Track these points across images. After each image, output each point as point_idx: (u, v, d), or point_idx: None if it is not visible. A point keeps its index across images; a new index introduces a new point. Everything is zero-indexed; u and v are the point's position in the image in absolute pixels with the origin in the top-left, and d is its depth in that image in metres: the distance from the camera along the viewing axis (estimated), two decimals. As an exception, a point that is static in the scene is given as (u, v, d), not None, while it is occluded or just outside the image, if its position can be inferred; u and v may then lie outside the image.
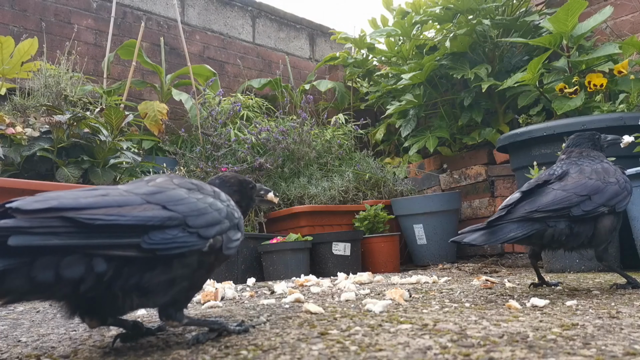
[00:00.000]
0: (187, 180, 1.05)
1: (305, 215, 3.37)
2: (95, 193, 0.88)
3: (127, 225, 0.85)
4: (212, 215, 1.00)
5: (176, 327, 0.99)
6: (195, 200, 0.99)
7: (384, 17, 4.66)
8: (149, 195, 0.93)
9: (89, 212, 0.81)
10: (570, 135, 2.65)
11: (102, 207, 0.84)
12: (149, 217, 0.88)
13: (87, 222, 0.80)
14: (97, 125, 2.71)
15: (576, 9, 2.93)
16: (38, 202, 0.80)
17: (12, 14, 3.77)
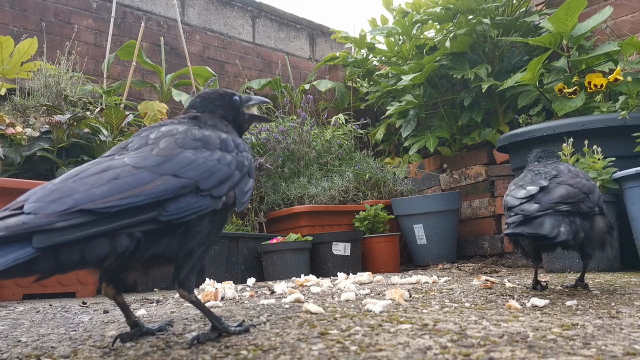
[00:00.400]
0: (190, 138, 1.03)
1: (305, 215, 3.37)
2: (105, 177, 0.87)
3: (143, 204, 0.85)
4: (222, 171, 1.00)
5: (185, 297, 1.00)
6: (204, 159, 0.98)
7: (384, 17, 4.67)
8: (158, 167, 0.92)
9: (104, 201, 0.82)
10: (570, 135, 2.66)
11: (115, 194, 0.84)
12: (162, 191, 0.88)
13: (104, 211, 0.81)
14: (97, 125, 2.71)
15: (576, 9, 2.93)
16: (54, 202, 0.80)
17: (12, 14, 3.77)
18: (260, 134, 3.82)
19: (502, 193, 3.69)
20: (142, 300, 1.96)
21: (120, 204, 0.83)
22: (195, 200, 0.92)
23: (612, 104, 2.85)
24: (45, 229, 0.76)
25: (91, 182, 0.85)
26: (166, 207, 0.88)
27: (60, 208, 0.79)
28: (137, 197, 0.85)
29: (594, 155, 2.54)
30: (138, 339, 1.06)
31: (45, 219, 0.76)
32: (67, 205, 0.79)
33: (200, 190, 0.94)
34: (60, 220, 0.77)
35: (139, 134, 1.06)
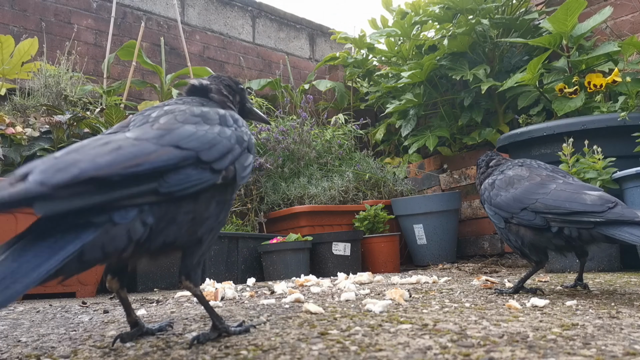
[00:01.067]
0: (189, 114, 1.03)
1: (305, 215, 3.37)
2: (109, 148, 0.86)
3: (145, 173, 0.85)
4: (223, 144, 0.99)
5: (190, 289, 1.00)
6: (204, 132, 0.98)
7: (383, 18, 4.67)
8: (159, 139, 0.92)
9: (108, 170, 0.81)
10: (570, 135, 2.66)
11: (119, 163, 0.83)
12: (165, 160, 0.88)
13: (106, 180, 0.80)
14: (98, 125, 2.71)
15: (575, 9, 2.93)
16: (60, 171, 0.78)
17: (12, 14, 3.77)
18: (260, 134, 3.82)
19: (502, 193, 3.69)
20: (142, 300, 1.96)
21: (124, 173, 0.82)
22: (195, 172, 0.92)
23: (612, 104, 2.85)
24: (47, 196, 0.74)
25: (94, 152, 0.84)
26: (166, 178, 0.87)
27: (67, 177, 0.77)
28: (139, 167, 0.84)
29: (594, 155, 2.54)
30: (138, 339, 1.06)
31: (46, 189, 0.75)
32: (73, 173, 0.78)
33: (201, 162, 0.93)
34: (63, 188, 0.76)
35: (142, 113, 1.06)
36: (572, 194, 1.41)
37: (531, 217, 1.45)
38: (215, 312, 1.04)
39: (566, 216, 1.38)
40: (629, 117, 2.59)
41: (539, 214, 1.43)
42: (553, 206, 1.41)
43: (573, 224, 1.38)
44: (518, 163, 1.69)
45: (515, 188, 1.53)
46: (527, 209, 1.46)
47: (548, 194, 1.45)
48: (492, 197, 1.58)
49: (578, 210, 1.36)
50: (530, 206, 1.45)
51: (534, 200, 1.46)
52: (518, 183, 1.55)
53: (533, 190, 1.49)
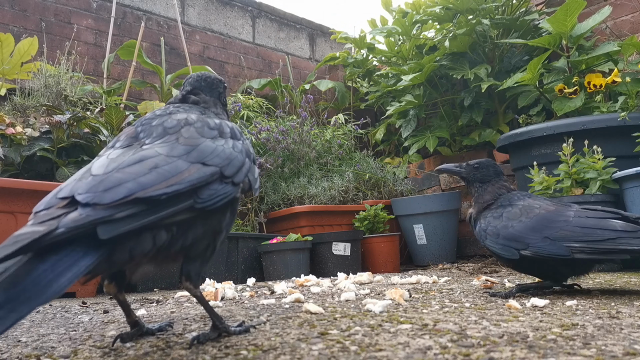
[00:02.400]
0: (207, 127, 1.07)
1: (305, 215, 3.37)
2: (146, 166, 0.89)
3: (185, 191, 0.88)
4: (238, 159, 1.04)
5: (190, 291, 1.01)
6: (222, 148, 1.03)
7: (383, 18, 4.67)
8: (188, 155, 0.96)
9: (154, 189, 0.84)
10: (570, 135, 2.66)
11: (161, 181, 0.86)
12: (197, 178, 0.91)
13: (155, 199, 0.83)
14: (97, 125, 2.71)
15: (575, 9, 2.93)
16: (109, 192, 0.81)
17: (12, 14, 3.77)
18: (260, 134, 3.82)
19: (502, 193, 3.69)
20: (142, 300, 1.96)
21: (169, 192, 0.85)
22: (221, 187, 0.96)
23: (611, 104, 2.85)
24: (108, 220, 0.77)
25: (135, 171, 0.87)
26: (200, 194, 0.91)
27: (117, 197, 0.80)
28: (180, 185, 0.87)
29: (594, 155, 2.54)
30: (138, 339, 1.06)
31: (105, 211, 0.77)
32: (122, 194, 0.80)
33: (224, 177, 0.98)
34: (119, 210, 0.78)
35: (149, 123, 1.07)
36: (598, 221, 1.41)
37: (552, 247, 1.40)
38: (215, 312, 1.04)
39: (598, 243, 1.36)
40: (629, 117, 2.59)
41: (563, 242, 1.39)
42: (582, 233, 1.38)
43: (607, 253, 1.36)
44: (525, 194, 1.64)
45: (529, 217, 1.49)
46: (548, 238, 1.41)
47: (570, 222, 1.42)
48: (501, 229, 1.51)
49: (612, 237, 1.35)
50: (552, 235, 1.41)
51: (557, 228, 1.42)
52: (531, 212, 1.51)
53: (551, 218, 1.46)
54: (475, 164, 1.74)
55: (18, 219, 2.16)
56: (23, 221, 2.17)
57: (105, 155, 0.96)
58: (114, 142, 1.04)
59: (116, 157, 0.94)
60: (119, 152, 0.97)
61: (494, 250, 1.54)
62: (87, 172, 0.90)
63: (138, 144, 1.01)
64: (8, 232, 2.13)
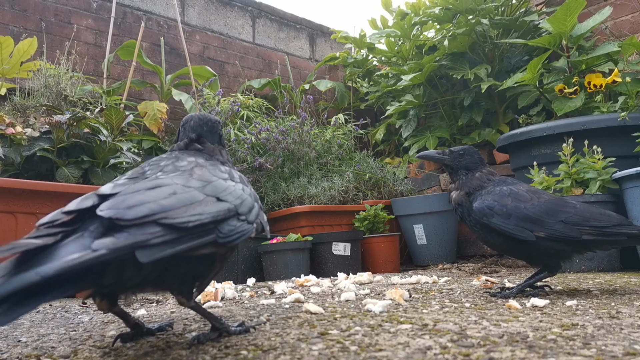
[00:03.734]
0: (218, 170, 1.08)
1: (305, 215, 3.37)
2: (165, 192, 0.88)
3: (207, 222, 0.86)
4: (249, 200, 1.04)
5: (184, 304, 1.00)
6: (234, 188, 1.02)
7: (383, 18, 4.67)
8: (203, 188, 0.95)
9: (175, 214, 0.83)
10: (570, 135, 2.66)
11: (180, 207, 0.85)
12: (217, 211, 0.90)
13: (182, 227, 0.82)
14: (97, 125, 2.71)
15: (575, 9, 2.93)
16: (131, 209, 0.80)
17: (12, 14, 3.77)
18: (260, 134, 3.82)
19: (502, 193, 3.69)
20: (142, 300, 1.96)
21: (193, 220, 0.83)
22: (239, 224, 0.95)
23: (611, 104, 2.85)
24: (144, 245, 0.76)
25: (155, 194, 0.87)
26: (220, 229, 0.89)
27: (138, 215, 0.79)
28: (202, 215, 0.86)
29: (594, 155, 2.54)
30: (138, 339, 1.06)
31: (141, 236, 0.77)
32: (143, 212, 0.80)
33: (239, 214, 0.97)
34: (154, 236, 0.77)
35: (156, 163, 1.08)
36: (602, 210, 1.57)
37: (567, 229, 1.49)
38: (212, 315, 1.04)
39: (606, 229, 1.50)
40: (629, 117, 2.59)
41: (576, 226, 1.50)
42: (591, 219, 1.51)
43: (610, 235, 1.51)
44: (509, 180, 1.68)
45: (540, 201, 1.54)
46: (563, 222, 1.50)
47: (578, 209, 1.54)
48: (514, 209, 1.51)
49: (616, 223, 1.52)
50: (567, 219, 1.51)
51: (569, 213, 1.52)
52: (540, 197, 1.57)
53: (563, 205, 1.56)
54: (460, 150, 1.73)
55: (18, 219, 2.16)
56: (23, 221, 2.17)
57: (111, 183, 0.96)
58: (119, 177, 1.04)
59: (125, 182, 0.94)
60: (125, 181, 0.96)
61: (504, 229, 1.51)
62: (92, 194, 0.88)
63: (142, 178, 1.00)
64: (8, 232, 2.13)
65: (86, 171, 2.61)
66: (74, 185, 2.39)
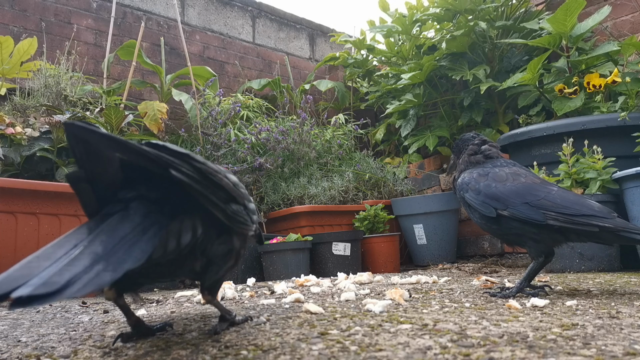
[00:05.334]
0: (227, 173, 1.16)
1: (305, 215, 3.37)
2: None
3: (223, 188, 0.93)
4: (252, 205, 1.11)
5: (210, 302, 1.08)
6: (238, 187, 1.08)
7: (382, 20, 4.67)
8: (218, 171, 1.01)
9: (205, 167, 0.89)
10: (570, 135, 2.66)
11: (208, 166, 0.92)
12: (232, 186, 0.97)
13: (205, 174, 0.88)
14: (97, 125, 2.71)
15: (575, 9, 2.93)
16: (173, 148, 0.88)
17: (12, 14, 3.77)
18: (260, 134, 3.82)
19: (502, 193, 3.68)
20: (142, 300, 1.96)
21: (216, 175, 0.90)
22: (245, 213, 1.02)
23: (611, 104, 2.85)
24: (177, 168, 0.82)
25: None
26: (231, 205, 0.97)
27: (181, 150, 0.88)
28: (222, 180, 0.93)
29: (594, 155, 2.54)
30: (138, 339, 1.06)
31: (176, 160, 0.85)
32: (184, 151, 0.89)
33: (245, 207, 1.04)
34: (184, 167, 0.84)
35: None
36: (580, 199, 1.52)
37: (531, 211, 1.51)
38: (226, 309, 1.14)
39: (574, 217, 1.47)
40: (629, 117, 2.59)
41: (541, 210, 1.51)
42: (561, 205, 1.50)
43: (578, 224, 1.47)
44: (511, 163, 1.75)
45: (514, 183, 1.60)
46: (529, 204, 1.52)
47: (551, 194, 1.54)
48: (485, 187, 1.62)
49: (588, 213, 1.46)
50: (533, 202, 1.53)
51: (538, 197, 1.53)
52: (517, 179, 1.62)
53: (536, 189, 1.57)
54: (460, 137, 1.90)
55: (18, 219, 2.16)
56: (23, 221, 2.17)
57: None
58: None
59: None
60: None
61: (473, 204, 1.64)
62: None
63: None
64: (8, 232, 2.13)
65: (86, 171, 2.61)
66: (74, 185, 2.39)
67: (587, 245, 2.45)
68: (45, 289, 0.63)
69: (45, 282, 0.64)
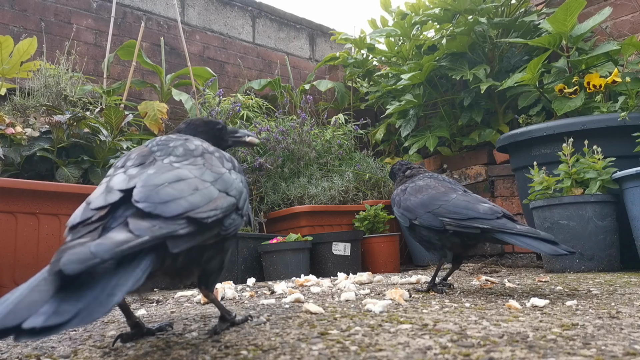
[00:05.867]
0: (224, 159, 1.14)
1: (305, 215, 3.37)
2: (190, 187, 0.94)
3: (220, 217, 0.93)
4: (245, 193, 1.10)
5: (207, 295, 1.08)
6: (233, 179, 1.07)
7: (383, 18, 4.67)
8: (216, 182, 1.01)
9: (200, 211, 0.89)
10: (570, 135, 2.66)
11: (203, 205, 0.91)
12: (227, 207, 0.97)
13: (203, 222, 0.88)
14: (97, 125, 2.71)
15: (575, 9, 2.93)
16: (167, 205, 0.86)
17: (12, 14, 3.77)
18: (260, 134, 3.82)
19: (502, 193, 3.69)
20: (142, 300, 1.96)
21: (212, 216, 0.90)
22: (236, 217, 1.01)
23: (611, 104, 2.85)
24: (174, 236, 0.82)
25: (182, 189, 0.92)
26: (224, 222, 0.97)
27: (176, 212, 0.85)
28: (216, 211, 0.92)
29: (594, 155, 2.54)
30: (138, 339, 1.06)
31: (173, 226, 0.83)
32: (180, 210, 0.86)
33: (238, 208, 1.03)
34: (180, 227, 0.83)
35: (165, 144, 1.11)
36: (469, 204, 1.66)
37: (432, 219, 1.68)
38: (225, 309, 1.13)
39: (462, 221, 1.62)
40: (629, 117, 2.59)
41: (439, 217, 1.66)
42: (453, 211, 1.65)
43: (465, 227, 1.61)
44: (427, 175, 1.95)
45: (422, 195, 1.79)
46: (431, 213, 1.69)
47: (449, 202, 1.70)
48: (402, 201, 1.82)
49: (473, 216, 1.61)
50: (434, 210, 1.69)
51: (438, 205, 1.71)
52: (425, 191, 1.81)
53: (437, 198, 1.75)
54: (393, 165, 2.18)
55: (18, 219, 2.16)
56: (23, 221, 2.17)
57: (122, 172, 0.99)
58: (124, 161, 1.06)
59: (139, 171, 0.98)
60: (137, 169, 1.00)
61: (397, 215, 1.86)
62: (109, 188, 0.92)
63: (153, 160, 1.05)
64: (8, 232, 2.13)
65: (86, 171, 2.61)
66: (74, 185, 2.39)
67: (587, 245, 2.45)
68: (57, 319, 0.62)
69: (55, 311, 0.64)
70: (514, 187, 3.60)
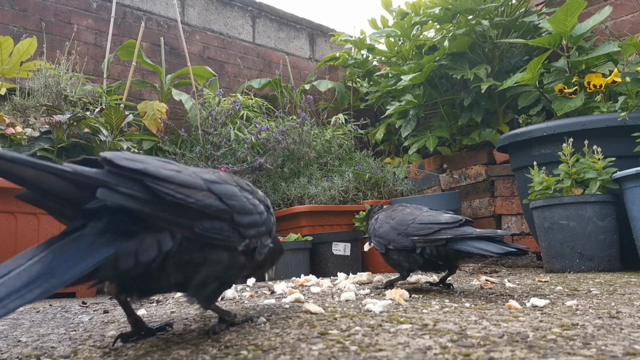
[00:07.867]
0: (243, 181, 1.12)
1: (305, 215, 3.37)
2: (170, 167, 0.92)
3: (188, 207, 0.88)
4: (255, 217, 1.06)
5: (205, 308, 1.06)
6: (245, 199, 1.04)
7: (383, 18, 4.67)
8: (211, 183, 0.97)
9: (165, 185, 0.85)
10: (570, 135, 2.66)
11: (175, 183, 0.88)
12: (207, 204, 0.92)
13: (160, 195, 0.84)
14: (97, 125, 2.71)
15: (575, 9, 2.93)
16: (127, 160, 0.83)
17: (12, 14, 3.77)
18: (260, 134, 3.82)
19: (502, 193, 3.69)
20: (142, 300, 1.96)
21: (174, 196, 0.86)
22: (227, 229, 0.97)
23: (611, 104, 2.85)
24: (109, 187, 0.79)
25: (160, 164, 0.90)
26: (204, 221, 0.92)
27: (131, 166, 0.82)
28: (188, 198, 0.88)
29: (594, 155, 2.54)
30: (138, 339, 1.06)
31: (112, 179, 0.80)
32: (137, 167, 0.83)
33: (234, 222, 0.99)
34: (123, 185, 0.80)
35: None
36: (432, 217, 1.70)
37: (403, 240, 1.71)
38: (225, 311, 1.12)
39: (428, 236, 1.63)
40: (629, 117, 2.59)
41: (409, 237, 1.69)
42: (419, 228, 1.68)
43: (432, 242, 1.62)
44: (399, 205, 2.00)
45: (392, 220, 1.83)
46: (401, 234, 1.73)
47: (415, 219, 1.73)
48: (376, 229, 1.88)
49: (436, 229, 1.62)
50: (403, 231, 1.73)
51: (407, 225, 1.73)
52: (395, 215, 1.85)
53: (405, 219, 1.78)
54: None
55: (18, 219, 2.16)
56: (23, 221, 2.17)
57: None
58: None
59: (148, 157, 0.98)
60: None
61: (374, 245, 1.90)
62: None
63: None
64: (8, 232, 2.13)
65: (86, 171, 2.61)
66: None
67: (587, 245, 2.45)
68: None
69: None
70: (514, 187, 3.60)
